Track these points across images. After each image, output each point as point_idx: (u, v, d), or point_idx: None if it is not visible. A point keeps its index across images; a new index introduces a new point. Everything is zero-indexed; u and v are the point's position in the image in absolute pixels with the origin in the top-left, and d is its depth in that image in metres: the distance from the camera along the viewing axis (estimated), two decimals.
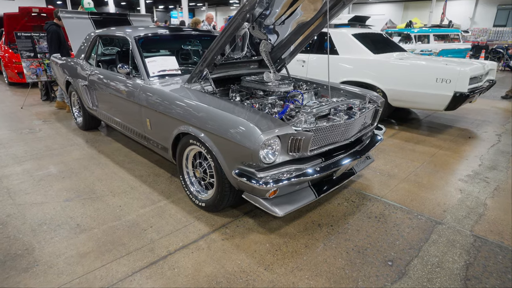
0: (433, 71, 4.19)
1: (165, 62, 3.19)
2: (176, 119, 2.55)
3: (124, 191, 2.90)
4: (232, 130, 2.09)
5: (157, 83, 2.93)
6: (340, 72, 5.03)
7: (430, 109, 4.47)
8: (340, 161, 2.40)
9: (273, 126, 2.03)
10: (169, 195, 2.83)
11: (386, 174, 3.31)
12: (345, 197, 2.85)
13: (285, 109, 2.65)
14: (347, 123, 2.41)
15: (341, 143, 2.47)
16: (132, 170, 3.33)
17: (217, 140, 2.21)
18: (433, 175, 3.31)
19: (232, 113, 2.16)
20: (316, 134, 2.24)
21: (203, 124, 2.29)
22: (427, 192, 2.97)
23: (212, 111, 2.25)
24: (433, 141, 4.36)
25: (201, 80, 2.85)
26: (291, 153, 2.15)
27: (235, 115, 2.13)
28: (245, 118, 2.09)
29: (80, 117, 4.59)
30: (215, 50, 2.55)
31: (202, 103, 2.37)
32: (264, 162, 2.03)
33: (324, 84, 3.28)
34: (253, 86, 2.94)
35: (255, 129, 1.98)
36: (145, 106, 2.91)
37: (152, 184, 3.03)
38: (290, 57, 3.40)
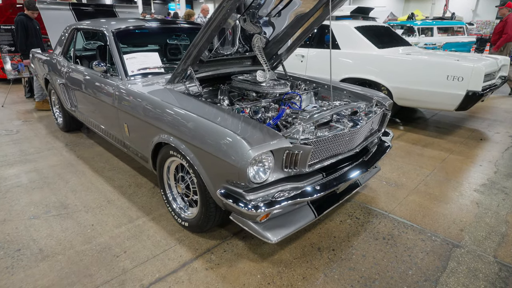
0: (443, 67, 3.84)
1: (147, 59, 2.84)
2: (155, 126, 2.22)
3: (99, 206, 2.57)
4: (216, 142, 1.75)
5: (136, 83, 2.58)
6: (342, 68, 4.68)
7: (439, 109, 4.13)
8: (345, 175, 2.08)
9: (264, 139, 1.69)
10: (150, 211, 2.51)
11: (393, 184, 2.99)
12: (348, 212, 2.52)
13: (280, 114, 2.31)
14: (352, 131, 2.08)
15: (345, 154, 2.14)
16: (112, 180, 3.00)
17: (199, 154, 1.88)
18: (445, 185, 2.99)
19: (217, 122, 1.82)
20: (316, 146, 1.90)
21: (183, 134, 1.96)
22: (440, 205, 2.65)
23: (193, 119, 1.92)
24: (442, 143, 4.03)
25: (185, 80, 2.51)
26: (286, 169, 1.82)
27: (219, 124, 1.80)
28: (231, 128, 1.75)
29: (61, 118, 4.24)
30: (200, 46, 2.20)
31: (183, 108, 2.03)
32: (254, 181, 1.71)
33: (325, 84, 2.93)
34: (244, 86, 2.59)
35: (243, 142, 1.64)
36: (122, 110, 2.57)
37: (132, 197, 2.70)
38: (287, 53, 3.04)
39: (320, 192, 1.87)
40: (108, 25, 2.96)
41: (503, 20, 6.38)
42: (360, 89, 2.77)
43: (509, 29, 6.24)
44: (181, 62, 2.30)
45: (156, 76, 2.75)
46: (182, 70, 2.38)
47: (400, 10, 24.69)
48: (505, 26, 6.30)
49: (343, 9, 5.56)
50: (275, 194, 1.78)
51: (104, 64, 2.78)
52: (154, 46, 3.69)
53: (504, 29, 6.33)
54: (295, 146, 1.76)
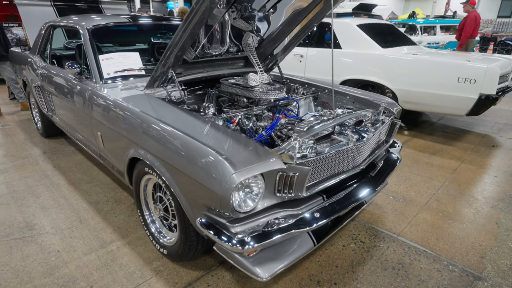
0: (454, 69, 3.53)
1: (125, 59, 2.53)
2: (128, 138, 1.92)
3: (69, 227, 2.27)
4: (194, 163, 1.45)
5: (112, 88, 2.28)
6: (343, 69, 4.37)
7: (448, 113, 3.83)
8: (349, 198, 1.77)
9: (252, 159, 1.39)
10: (126, 233, 2.20)
11: (401, 199, 2.69)
12: (352, 234, 2.23)
13: (274, 123, 2.01)
14: (357, 146, 1.78)
15: (349, 173, 1.84)
16: (88, 194, 2.69)
17: (176, 174, 1.58)
18: (458, 200, 2.69)
19: (196, 137, 1.52)
20: (315, 165, 1.60)
21: (158, 150, 1.65)
22: (454, 226, 2.35)
23: (169, 132, 1.61)
24: (451, 151, 3.73)
25: (167, 84, 2.20)
26: (279, 194, 1.52)
27: (199, 140, 1.49)
28: (213, 145, 1.45)
29: (41, 122, 3.93)
30: (181, 45, 1.89)
31: (158, 119, 1.72)
32: (240, 210, 1.41)
33: (325, 88, 2.63)
34: (234, 91, 2.29)
35: (225, 164, 1.34)
36: (95, 118, 2.26)
37: (109, 215, 2.40)
38: (283, 53, 2.73)
39: (321, 220, 1.57)
40: (84, 22, 2.65)
41: (465, 18, 6.41)
42: (364, 94, 2.47)
43: (468, 26, 6.22)
44: (160, 64, 2.00)
45: (137, 79, 2.45)
46: (162, 73, 2.07)
47: (401, 8, 24.37)
48: (465, 24, 6.31)
49: (344, 6, 5.26)
50: (265, 224, 1.48)
51: (78, 66, 2.48)
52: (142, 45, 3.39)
53: (464, 27, 6.35)
54: (290, 167, 1.46)
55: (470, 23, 6.23)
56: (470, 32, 6.26)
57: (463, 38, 6.34)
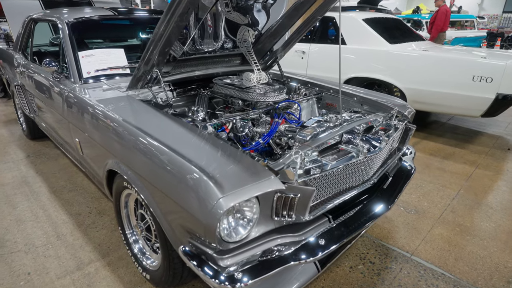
0: (468, 66, 3.27)
1: (108, 57, 2.28)
2: (104, 147, 1.68)
3: (45, 243, 2.04)
4: (176, 183, 1.21)
5: (92, 88, 2.04)
6: (347, 66, 4.11)
7: (461, 114, 3.57)
8: (360, 218, 1.53)
9: (245, 179, 1.15)
10: (107, 251, 1.97)
11: (413, 210, 2.45)
12: (360, 253, 1.99)
13: (272, 129, 1.77)
14: (368, 158, 1.53)
15: (358, 188, 1.59)
16: (70, 204, 2.46)
17: (156, 194, 1.34)
18: (476, 211, 2.45)
19: (179, 150, 1.27)
20: (320, 183, 1.36)
21: (135, 164, 1.42)
22: (474, 242, 2.11)
23: (147, 144, 1.37)
24: (464, 154, 3.47)
25: (152, 85, 1.96)
26: (277, 218, 1.28)
27: (182, 154, 1.25)
28: (199, 161, 1.20)
29: (25, 123, 3.69)
30: (164, 40, 1.64)
31: (137, 126, 1.48)
32: (229, 240, 1.17)
33: (330, 88, 2.38)
34: (228, 93, 2.05)
35: (211, 187, 1.10)
36: (72, 122, 2.03)
37: (89, 230, 2.17)
38: (283, 49, 2.47)
39: (327, 248, 1.33)
40: (64, 15, 2.40)
41: (436, 12, 6.46)
42: (373, 95, 2.22)
43: (439, 20, 6.25)
44: (142, 61, 1.75)
45: (122, 78, 2.21)
46: (145, 72, 1.82)
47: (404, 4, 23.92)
48: (436, 18, 6.34)
49: None
50: (261, 254, 1.24)
51: (56, 64, 2.24)
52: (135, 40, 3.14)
53: (435, 20, 6.35)
54: (290, 188, 1.21)
55: (441, 17, 6.26)
56: (441, 26, 6.30)
57: (434, 32, 6.38)
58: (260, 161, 1.27)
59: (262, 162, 1.26)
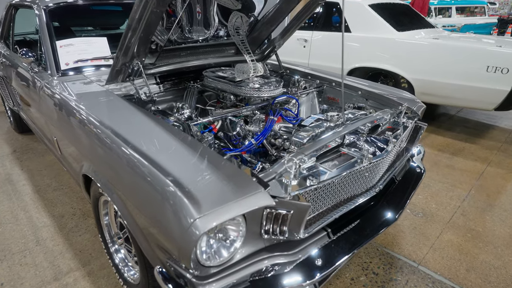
0: (482, 56, 3.04)
1: (90, 46, 2.09)
2: (77, 150, 1.51)
3: (22, 250, 1.90)
4: (148, 197, 1.04)
5: (70, 81, 1.85)
6: (352, 55, 3.88)
7: (473, 107, 3.35)
8: (363, 231, 1.36)
9: (228, 194, 0.97)
10: (89, 259, 1.82)
11: (420, 213, 2.27)
12: (362, 263, 1.82)
13: (266, 128, 1.59)
14: (373, 163, 1.35)
15: (361, 197, 1.41)
16: (53, 205, 2.31)
17: (128, 207, 1.17)
18: (488, 215, 2.27)
19: (154, 158, 1.10)
20: (317, 195, 1.18)
21: (107, 172, 1.25)
22: (487, 250, 1.94)
23: (118, 149, 1.19)
24: (475, 150, 3.27)
25: (134, 78, 1.77)
26: (267, 236, 1.11)
27: (157, 164, 1.07)
28: (174, 172, 1.03)
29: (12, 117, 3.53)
30: (143, 26, 1.44)
31: (111, 128, 1.30)
32: (208, 264, 1.00)
33: (332, 80, 2.17)
34: (219, 86, 1.86)
35: (186, 205, 0.92)
36: (48, 119, 1.85)
37: (71, 234, 2.02)
38: (282, 37, 2.26)
39: (326, 269, 1.16)
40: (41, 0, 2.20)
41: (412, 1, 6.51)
42: (379, 88, 2.02)
43: (416, 6, 6.31)
44: (120, 52, 1.55)
45: (105, 70, 2.02)
46: (124, 64, 1.63)
47: None
48: (413, 4, 6.38)
49: None
50: (248, 277, 1.07)
51: (33, 54, 2.06)
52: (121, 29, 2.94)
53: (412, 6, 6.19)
54: (281, 203, 1.04)
55: (418, 3, 6.28)
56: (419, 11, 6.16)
57: None
58: (245, 169, 1.09)
59: (247, 170, 1.08)
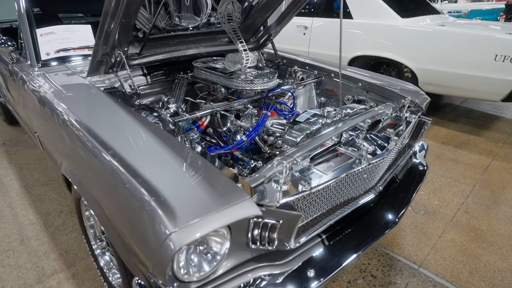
0: (490, 44, 2.88)
1: (73, 35, 1.96)
2: (55, 148, 1.41)
3: (6, 250, 1.82)
4: (120, 206, 0.94)
5: (51, 72, 1.73)
6: (353, 43, 3.72)
7: (479, 98, 3.22)
8: (361, 236, 1.27)
9: (209, 204, 0.86)
10: (74, 260, 1.75)
11: (422, 210, 2.18)
12: (360, 265, 1.74)
13: (258, 125, 1.48)
14: (373, 164, 1.24)
15: (359, 200, 1.31)
16: (41, 201, 2.23)
17: (104, 213, 1.07)
18: (493, 212, 2.17)
19: (129, 161, 0.99)
20: (309, 202, 1.08)
21: (81, 175, 1.15)
22: (492, 251, 1.85)
23: (93, 151, 1.08)
24: (480, 143, 3.16)
25: (117, 69, 1.65)
26: (255, 246, 1.01)
27: (131, 169, 0.96)
28: (151, 178, 0.92)
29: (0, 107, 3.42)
30: (122, 10, 1.32)
31: (87, 126, 1.19)
32: (187, 280, 0.91)
33: (331, 71, 2.05)
34: (209, 78, 1.74)
35: (160, 217, 0.82)
36: (28, 113, 1.75)
37: (57, 233, 1.94)
38: (278, 25, 2.13)
39: (319, 279, 1.07)
40: None
41: None
42: (381, 79, 1.90)
43: None
44: (99, 41, 1.43)
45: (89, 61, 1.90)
46: (104, 55, 1.51)
47: None
48: None
49: None
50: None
51: (13, 43, 1.93)
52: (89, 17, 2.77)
53: None
54: (269, 212, 0.94)
55: None
56: None
57: None
58: (230, 173, 0.99)
59: (231, 173, 0.98)
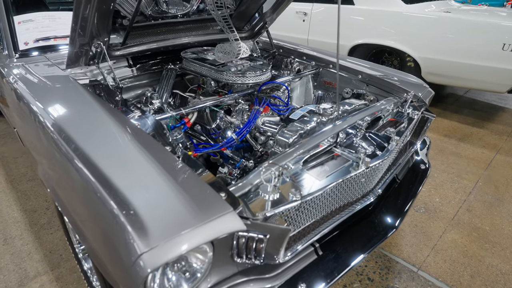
0: (498, 32, 2.74)
1: (53, 22, 1.84)
2: (31, 147, 1.31)
3: None
4: (90, 219, 0.85)
5: (31, 63, 1.62)
6: (354, 30, 3.57)
7: (485, 89, 3.09)
8: (359, 244, 1.18)
9: (187, 218, 0.77)
10: (58, 261, 1.68)
11: (422, 208, 2.10)
12: (357, 268, 1.67)
13: (250, 121, 1.38)
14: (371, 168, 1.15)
15: (356, 205, 1.22)
16: (27, 197, 2.15)
17: (76, 222, 0.99)
18: (496, 211, 2.09)
19: (100, 169, 0.89)
20: (300, 211, 0.99)
21: (55, 181, 1.05)
22: (494, 252, 1.77)
23: (63, 155, 0.98)
24: (483, 135, 3.05)
25: (99, 61, 1.53)
26: (240, 260, 0.93)
27: (101, 177, 0.87)
28: (122, 189, 0.83)
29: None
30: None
31: (59, 127, 1.09)
32: None
33: (330, 62, 1.92)
34: (198, 70, 1.62)
35: (130, 236, 0.73)
36: (5, 108, 1.64)
37: (42, 232, 1.87)
38: (274, 12, 1.99)
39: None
40: None
41: None
42: (382, 71, 1.78)
43: None
44: (74, 32, 1.31)
45: None
46: (83, 45, 1.40)
47: None
48: None
49: None
50: None
51: None
52: None
53: None
54: (255, 225, 0.85)
55: None
56: None
57: None
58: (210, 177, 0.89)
59: (211, 178, 0.88)
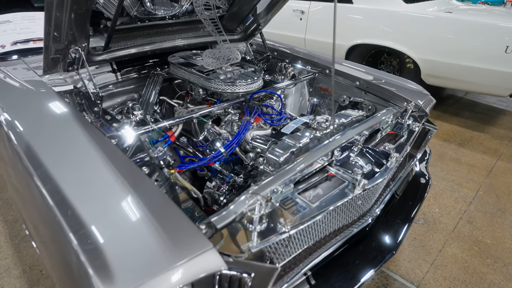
0: (502, 34, 2.65)
1: (32, 24, 1.73)
2: (3, 161, 1.22)
3: None
4: (52, 254, 0.76)
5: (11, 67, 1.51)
6: (353, 30, 3.47)
7: (486, 92, 3.01)
8: (355, 271, 1.10)
9: (159, 259, 0.68)
10: (38, 278, 1.59)
11: (421, 219, 2.02)
12: None
13: (239, 133, 1.29)
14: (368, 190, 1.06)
15: (352, 229, 1.13)
16: (9, 207, 2.05)
17: (42, 251, 0.90)
18: (498, 223, 2.02)
19: (66, 196, 0.80)
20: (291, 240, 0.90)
21: (21, 202, 0.96)
22: (496, 268, 1.70)
23: (27, 180, 0.89)
24: (484, 140, 2.97)
25: (77, 67, 1.43)
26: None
27: (64, 205, 0.77)
28: (87, 221, 0.73)
29: None
30: None
31: (26, 145, 0.99)
32: None
33: (326, 67, 1.83)
34: (185, 77, 1.53)
35: (90, 281, 0.64)
36: None
37: (23, 244, 1.78)
38: (268, 13, 1.89)
39: None
40: None
41: None
42: (380, 77, 1.69)
43: None
44: (48, 36, 1.20)
45: None
46: (59, 50, 1.29)
47: None
48: None
49: None
50: None
51: None
52: None
53: None
54: (237, 263, 0.76)
55: None
56: None
57: None
58: (190, 205, 0.80)
59: (190, 207, 0.79)
